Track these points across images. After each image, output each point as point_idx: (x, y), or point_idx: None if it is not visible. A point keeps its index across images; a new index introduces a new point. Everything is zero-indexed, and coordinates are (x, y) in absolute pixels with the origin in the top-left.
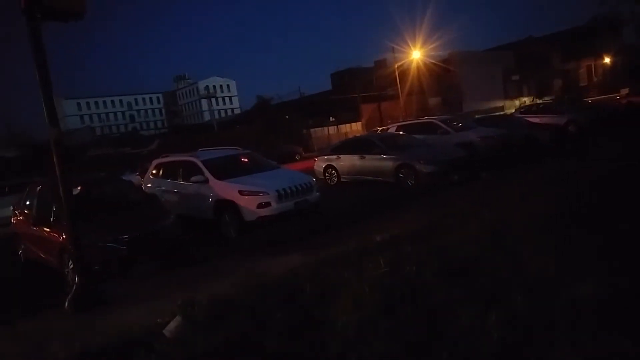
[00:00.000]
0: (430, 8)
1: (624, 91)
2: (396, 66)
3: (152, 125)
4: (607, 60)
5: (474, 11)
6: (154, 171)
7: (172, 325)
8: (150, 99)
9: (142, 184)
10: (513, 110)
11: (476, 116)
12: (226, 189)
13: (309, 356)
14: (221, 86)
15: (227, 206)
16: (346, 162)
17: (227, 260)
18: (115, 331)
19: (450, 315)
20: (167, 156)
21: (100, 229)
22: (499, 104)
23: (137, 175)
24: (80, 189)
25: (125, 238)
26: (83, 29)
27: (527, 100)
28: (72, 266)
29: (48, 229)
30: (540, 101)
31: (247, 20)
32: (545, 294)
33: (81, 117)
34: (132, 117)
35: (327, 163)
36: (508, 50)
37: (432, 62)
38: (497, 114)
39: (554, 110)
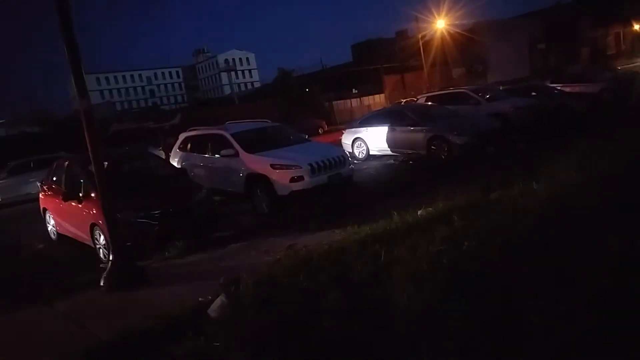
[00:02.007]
0: None
1: None
2: (420, 36)
3: (172, 99)
4: (636, 27)
5: None
6: (181, 145)
7: (216, 304)
8: (170, 73)
9: (168, 159)
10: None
11: (500, 87)
12: (257, 163)
13: (370, 341)
14: (240, 59)
15: (258, 180)
16: (375, 134)
17: (263, 236)
18: (155, 310)
19: (526, 296)
20: (194, 129)
21: (131, 205)
22: (525, 73)
23: (160, 149)
24: (109, 164)
25: (157, 214)
26: (102, 3)
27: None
28: (104, 242)
29: (78, 204)
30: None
31: None
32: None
33: (101, 92)
34: (152, 91)
35: (355, 136)
36: (535, 19)
37: (456, 32)
38: (527, 83)
39: (586, 79)
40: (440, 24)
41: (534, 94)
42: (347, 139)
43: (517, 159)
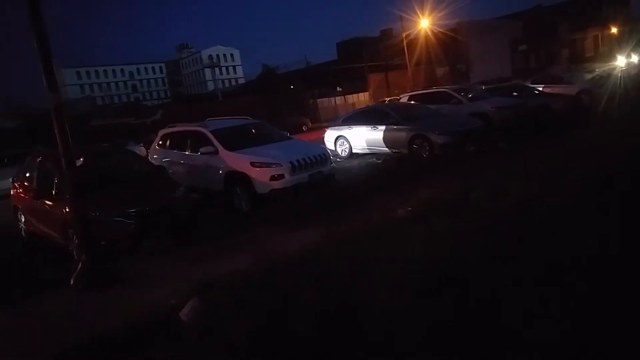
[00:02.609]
0: None
1: (630, 61)
2: (404, 36)
3: (154, 95)
4: (613, 30)
5: None
6: (160, 142)
7: (189, 307)
8: (153, 68)
9: (147, 155)
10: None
11: (483, 87)
12: (237, 160)
13: (345, 345)
14: (225, 55)
15: (238, 178)
16: (358, 133)
17: (242, 235)
18: (126, 312)
19: (511, 301)
20: (174, 126)
21: (106, 203)
22: (506, 73)
23: (141, 146)
24: (84, 160)
25: (133, 212)
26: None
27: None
28: (77, 242)
29: (50, 202)
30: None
31: None
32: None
33: (81, 86)
34: (134, 86)
35: (338, 134)
36: (516, 20)
37: (440, 32)
38: (509, 83)
39: (565, 80)
40: (424, 24)
41: (515, 94)
42: (330, 137)
43: (498, 159)
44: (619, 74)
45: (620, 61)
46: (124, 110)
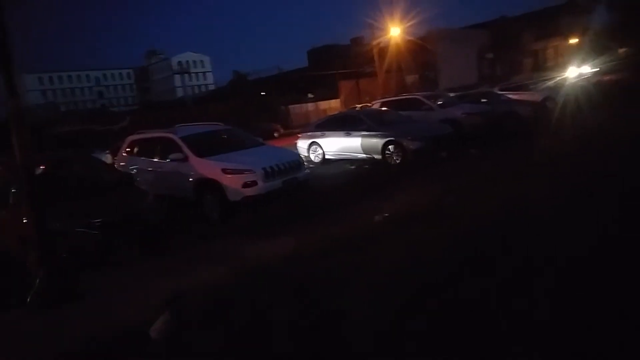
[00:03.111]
0: None
1: (590, 70)
2: (374, 43)
3: (122, 101)
4: (572, 41)
5: None
6: (127, 148)
7: (159, 323)
8: (120, 74)
9: (114, 163)
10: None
11: (451, 94)
12: (208, 167)
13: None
14: (195, 62)
15: (209, 186)
16: (331, 139)
17: (213, 244)
18: (88, 331)
19: (492, 308)
20: (142, 132)
21: (69, 213)
22: (473, 81)
23: (107, 153)
24: (45, 168)
25: (98, 222)
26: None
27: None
28: (35, 255)
29: (6, 214)
30: None
31: None
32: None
33: (44, 92)
34: (100, 93)
35: (311, 140)
36: (483, 29)
37: (409, 40)
38: (477, 90)
39: (531, 88)
40: (394, 32)
41: (483, 100)
42: (303, 143)
43: (470, 164)
44: (574, 83)
45: (572, 71)
46: (90, 116)
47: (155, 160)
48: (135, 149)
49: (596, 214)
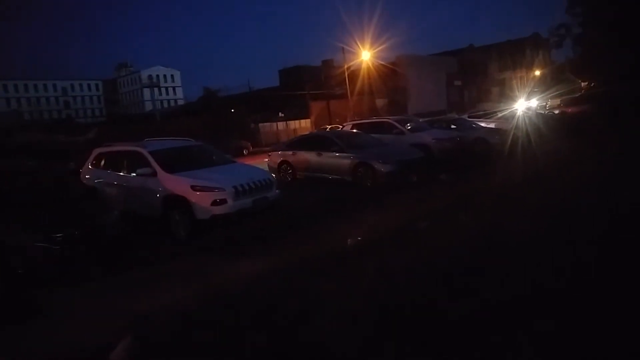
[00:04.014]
0: (378, 12)
1: (554, 102)
2: (346, 67)
3: (89, 113)
4: (536, 72)
5: (420, 16)
6: (93, 161)
7: (121, 348)
8: (89, 85)
9: (79, 175)
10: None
11: (420, 119)
12: (176, 184)
13: None
14: (165, 76)
15: (177, 203)
16: (302, 158)
17: (179, 263)
18: (43, 353)
19: (472, 337)
20: (109, 145)
21: (27, 227)
22: (442, 107)
23: (71, 165)
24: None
25: (59, 237)
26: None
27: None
28: None
29: None
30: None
31: (194, 11)
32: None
33: (7, 100)
34: (66, 103)
35: (281, 159)
36: (452, 57)
37: (380, 64)
38: (447, 116)
39: (498, 116)
40: (365, 56)
41: (453, 126)
42: (273, 162)
43: (439, 189)
44: (539, 114)
45: (536, 102)
46: (54, 126)
47: (122, 174)
48: (102, 162)
49: (563, 239)
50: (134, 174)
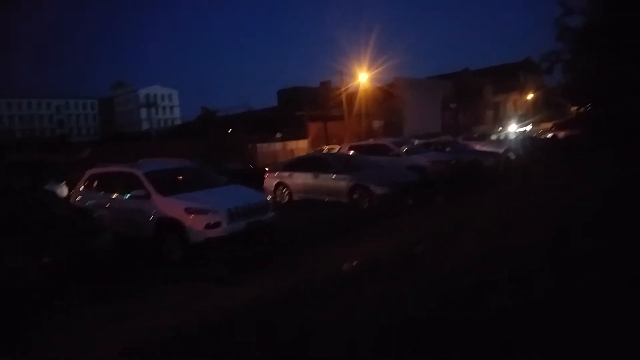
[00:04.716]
0: (375, 35)
1: (545, 125)
2: (343, 89)
3: (84, 132)
4: (529, 96)
5: (417, 40)
6: (86, 182)
7: None
8: (84, 104)
9: (70, 196)
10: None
11: (415, 141)
12: (170, 206)
13: None
14: (162, 95)
15: (170, 225)
16: (299, 180)
17: (173, 288)
18: None
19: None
20: (103, 166)
21: (16, 249)
22: (437, 129)
23: (64, 185)
24: None
25: (46, 260)
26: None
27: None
28: None
29: None
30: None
31: (193, 31)
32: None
33: (0, 118)
34: (61, 122)
35: (278, 180)
36: (447, 80)
37: (377, 86)
38: (442, 138)
39: (493, 139)
40: (362, 78)
41: (448, 149)
42: (269, 183)
43: (436, 212)
44: (532, 137)
45: (514, 127)
46: (48, 145)
47: (114, 196)
48: (95, 183)
49: (558, 260)
50: (128, 196)
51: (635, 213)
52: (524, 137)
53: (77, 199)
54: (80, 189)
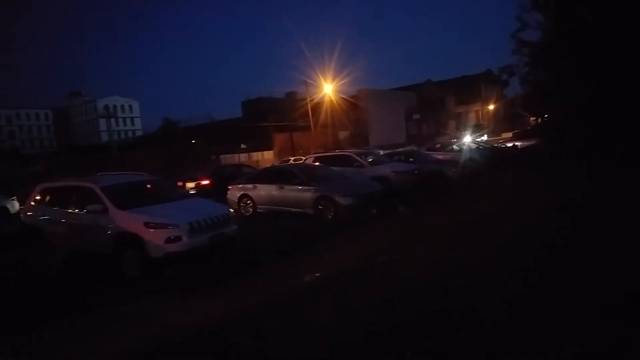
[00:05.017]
0: (339, 47)
1: (506, 135)
2: (309, 99)
3: (37, 143)
4: (491, 107)
5: (380, 52)
6: (38, 197)
7: None
8: (37, 114)
9: (20, 212)
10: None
11: (381, 151)
12: (129, 221)
13: None
14: (122, 106)
15: (129, 240)
16: (263, 191)
17: (131, 305)
18: None
19: None
20: (56, 180)
21: None
22: (402, 139)
23: (13, 200)
24: None
25: None
26: None
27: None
28: None
29: None
30: None
31: (154, 41)
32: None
33: None
34: (11, 133)
35: (242, 192)
36: (411, 91)
37: (342, 98)
38: (406, 149)
39: (455, 149)
40: (328, 89)
41: (411, 159)
42: (233, 195)
43: (398, 221)
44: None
45: (475, 137)
46: None
47: (70, 211)
48: (48, 198)
49: (518, 269)
50: (84, 211)
51: (584, 211)
52: (484, 147)
53: (28, 214)
54: (32, 204)
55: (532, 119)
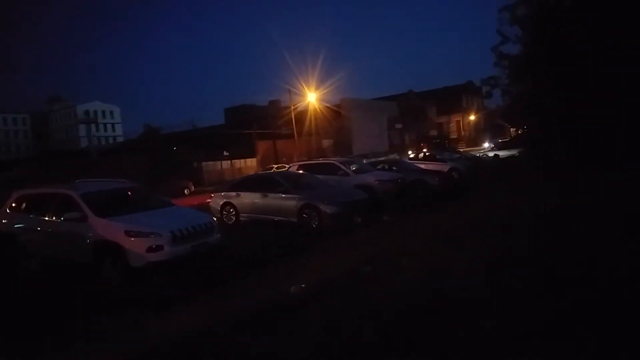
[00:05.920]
0: (322, 56)
1: (487, 145)
2: (292, 107)
3: (14, 148)
4: (472, 117)
5: (363, 62)
6: (14, 204)
7: None
8: (14, 119)
9: None
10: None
11: (364, 160)
12: (109, 229)
13: None
14: (103, 112)
15: (109, 249)
16: (247, 200)
17: (110, 316)
18: None
19: None
20: (34, 187)
21: None
22: (384, 148)
23: None
24: None
25: None
26: None
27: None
28: None
29: None
30: None
31: (136, 46)
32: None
33: None
34: None
35: (224, 200)
36: (393, 101)
37: (325, 106)
38: (389, 158)
39: (438, 159)
40: (311, 98)
41: (394, 168)
42: (215, 203)
43: (382, 230)
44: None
45: (457, 147)
46: None
47: (47, 219)
48: (24, 205)
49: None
50: (62, 219)
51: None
52: (467, 157)
53: (3, 222)
54: (7, 212)
55: (512, 129)
